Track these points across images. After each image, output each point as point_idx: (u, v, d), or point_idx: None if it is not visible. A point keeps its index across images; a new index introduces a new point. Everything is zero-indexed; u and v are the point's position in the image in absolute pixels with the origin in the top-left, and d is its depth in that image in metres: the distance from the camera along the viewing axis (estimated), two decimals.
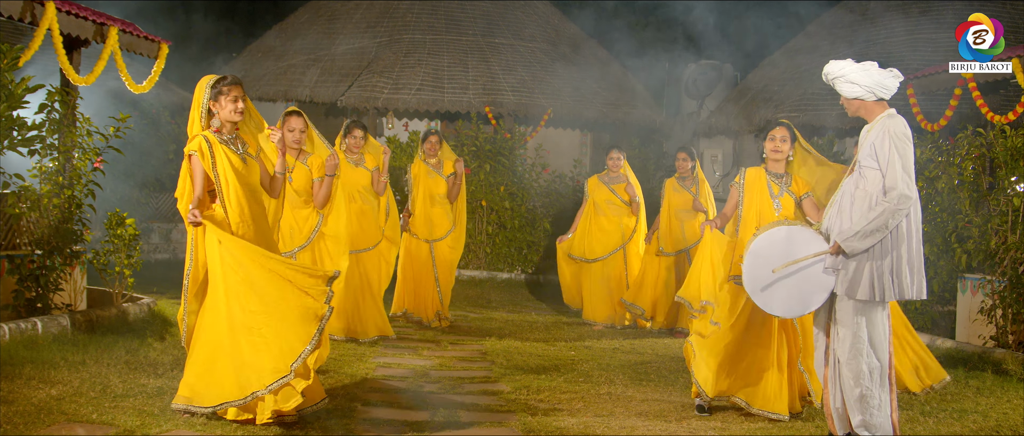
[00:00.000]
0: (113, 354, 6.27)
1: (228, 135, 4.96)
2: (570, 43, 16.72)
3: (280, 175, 5.17)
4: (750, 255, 4.90)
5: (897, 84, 4.66)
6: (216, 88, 4.93)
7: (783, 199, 5.52)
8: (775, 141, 5.56)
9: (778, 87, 14.66)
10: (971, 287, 7.85)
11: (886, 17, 14.72)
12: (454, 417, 5.24)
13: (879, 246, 4.53)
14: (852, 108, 4.72)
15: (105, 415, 4.79)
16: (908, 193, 4.44)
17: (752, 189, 5.58)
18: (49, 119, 7.17)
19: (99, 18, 7.83)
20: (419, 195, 8.69)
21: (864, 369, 4.56)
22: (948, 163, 8.18)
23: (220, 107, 4.92)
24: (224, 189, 4.86)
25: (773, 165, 5.60)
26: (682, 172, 8.99)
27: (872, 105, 4.68)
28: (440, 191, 8.66)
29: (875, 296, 4.53)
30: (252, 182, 4.97)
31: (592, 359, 7.32)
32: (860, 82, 4.63)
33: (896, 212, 4.44)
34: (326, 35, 16.17)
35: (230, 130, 4.97)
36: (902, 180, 4.45)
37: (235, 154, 4.92)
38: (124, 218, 7.75)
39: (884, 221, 4.45)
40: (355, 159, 7.82)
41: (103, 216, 7.93)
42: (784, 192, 5.54)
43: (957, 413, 5.65)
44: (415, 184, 8.72)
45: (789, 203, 5.53)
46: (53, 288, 7.12)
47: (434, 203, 8.65)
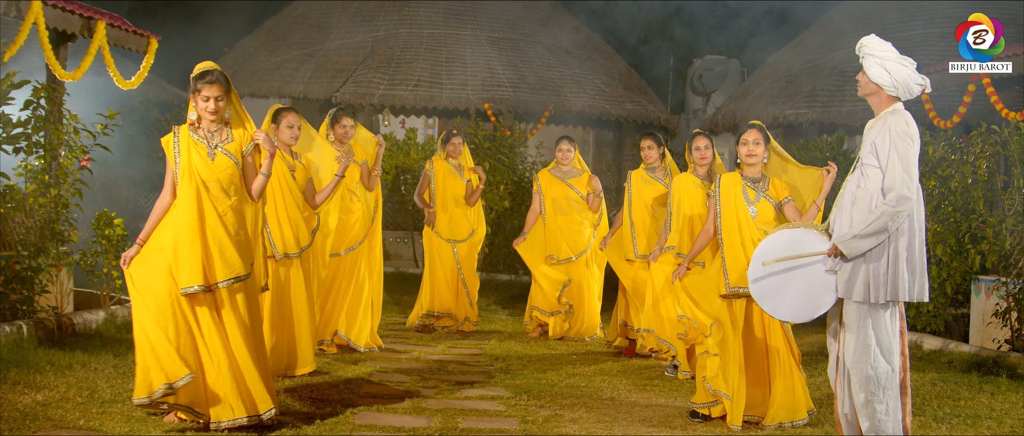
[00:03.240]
0: (101, 358, 6.27)
1: (208, 129, 4.95)
2: (572, 38, 16.72)
3: (265, 177, 5.06)
4: (755, 261, 4.91)
5: (919, 92, 4.65)
6: (193, 83, 4.93)
7: (759, 205, 5.49)
8: (748, 145, 5.52)
9: (786, 83, 14.66)
10: (985, 289, 7.85)
11: (898, 12, 14.72)
12: (452, 423, 5.23)
13: (877, 246, 4.52)
14: (867, 89, 4.68)
15: (92, 421, 4.79)
16: (907, 194, 4.43)
17: (727, 196, 5.54)
18: (35, 116, 7.17)
19: (86, 12, 7.83)
20: (441, 194, 8.69)
21: (871, 374, 4.55)
22: (961, 161, 8.17)
23: (194, 102, 4.93)
24: (179, 183, 4.86)
25: (748, 170, 5.58)
26: (650, 162, 7.81)
27: (886, 99, 4.67)
28: (460, 192, 8.68)
29: (870, 297, 4.52)
30: (217, 179, 4.86)
31: (594, 364, 7.31)
32: (892, 72, 4.58)
33: (896, 214, 4.43)
34: (320, 29, 16.17)
35: (208, 124, 4.95)
36: (901, 181, 4.43)
37: (204, 148, 4.87)
38: (112, 218, 7.75)
39: (883, 223, 4.45)
40: (344, 151, 7.64)
41: (91, 216, 7.93)
42: (761, 197, 5.50)
43: (971, 418, 5.65)
44: (437, 182, 8.72)
45: (767, 208, 5.48)
46: (39, 290, 7.12)
47: (456, 204, 8.68)
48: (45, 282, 7.19)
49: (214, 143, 4.90)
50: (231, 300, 4.82)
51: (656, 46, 21.32)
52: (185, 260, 4.71)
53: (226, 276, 4.76)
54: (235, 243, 4.82)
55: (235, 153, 4.93)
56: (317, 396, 5.70)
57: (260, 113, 6.56)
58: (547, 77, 15.23)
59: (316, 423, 5.03)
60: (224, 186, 4.87)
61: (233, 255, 4.79)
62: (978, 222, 7.96)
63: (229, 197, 4.88)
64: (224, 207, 4.86)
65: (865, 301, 4.55)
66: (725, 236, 5.51)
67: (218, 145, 4.91)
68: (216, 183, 4.85)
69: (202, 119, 4.91)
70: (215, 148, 4.90)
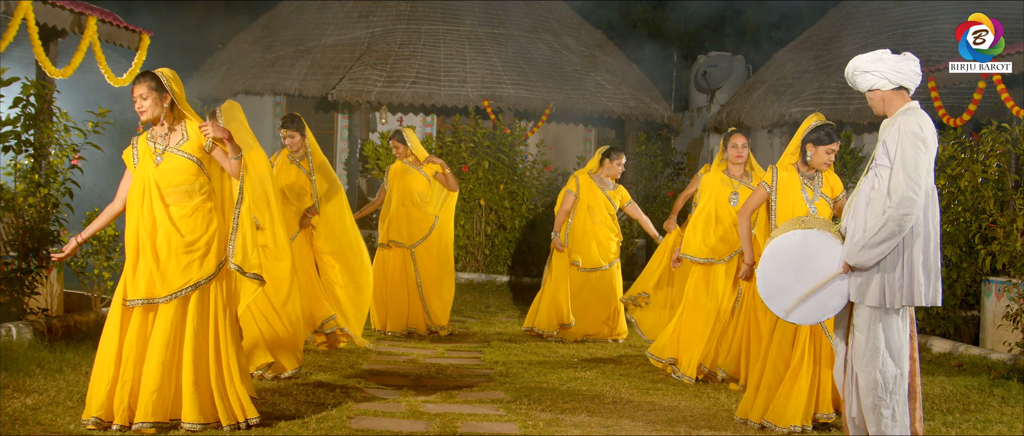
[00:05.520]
0: (92, 361, 6.23)
1: (158, 133, 4.96)
2: (573, 34, 16.72)
3: (235, 160, 4.96)
4: (765, 259, 4.91)
5: (915, 68, 4.65)
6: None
7: (819, 203, 5.59)
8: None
9: (792, 80, 14.66)
10: (996, 291, 7.85)
11: (905, 7, 14.73)
12: (450, 427, 5.23)
13: (890, 252, 4.52)
14: (874, 101, 4.71)
15: (83, 426, 4.78)
16: (910, 196, 4.40)
17: (786, 191, 5.62)
18: (24, 114, 7.17)
19: (77, 7, 7.83)
20: (399, 196, 8.65)
21: (878, 378, 4.55)
22: (971, 160, 8.17)
23: None
24: (131, 190, 4.94)
25: (812, 166, 5.64)
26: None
27: (892, 96, 4.67)
28: (419, 188, 8.62)
29: (885, 302, 4.52)
30: (169, 182, 4.88)
31: (597, 366, 7.32)
32: (873, 69, 4.63)
33: (902, 218, 4.42)
34: (316, 25, 16.17)
35: (159, 128, 4.96)
36: (905, 183, 4.42)
37: (151, 153, 4.92)
38: None
39: (891, 230, 4.43)
40: (292, 157, 7.50)
41: (81, 216, 7.93)
42: (819, 197, 5.60)
43: (981, 423, 5.65)
44: (392, 185, 8.67)
45: (825, 207, 5.59)
46: (28, 292, 7.12)
47: (414, 204, 8.63)
48: (35, 284, 7.19)
49: (162, 146, 4.92)
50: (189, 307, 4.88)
51: (660, 42, 21.32)
52: (140, 272, 4.82)
53: (181, 285, 4.81)
54: (188, 249, 4.85)
55: (193, 151, 4.93)
56: (312, 399, 5.70)
57: (255, 111, 6.56)
58: (548, 74, 15.23)
59: (311, 427, 5.03)
60: (185, 188, 4.89)
61: (186, 261, 4.84)
62: (988, 222, 7.96)
63: (191, 198, 4.90)
64: (185, 209, 4.87)
65: (880, 306, 4.55)
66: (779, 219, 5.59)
67: (168, 147, 4.92)
68: (168, 187, 4.88)
69: (148, 122, 4.98)
70: (164, 151, 4.91)
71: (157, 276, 4.80)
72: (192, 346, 4.83)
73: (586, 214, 8.59)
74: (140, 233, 4.86)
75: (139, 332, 4.81)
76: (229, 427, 4.84)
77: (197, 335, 4.86)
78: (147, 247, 4.83)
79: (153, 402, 4.72)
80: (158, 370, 4.75)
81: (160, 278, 4.80)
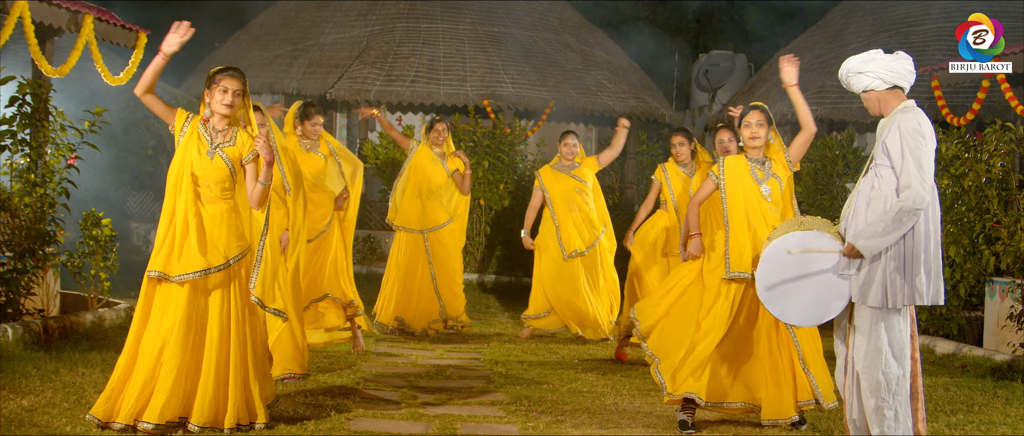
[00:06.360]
0: (88, 362, 6.27)
1: (216, 126, 4.98)
2: (574, 32, 16.72)
3: (263, 186, 4.99)
4: (763, 260, 4.91)
5: (909, 67, 4.66)
6: (211, 77, 5.00)
7: (770, 183, 5.46)
8: (751, 126, 5.50)
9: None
10: (1000, 291, 7.85)
11: (907, 6, 14.73)
12: (450, 429, 5.24)
13: (892, 249, 4.53)
14: (870, 102, 4.75)
15: (79, 427, 4.78)
16: (922, 192, 4.44)
17: (732, 177, 5.47)
18: (20, 113, 7.17)
19: (73, 6, 7.83)
20: (415, 182, 8.70)
21: (881, 380, 4.56)
22: (975, 159, 8.17)
23: (210, 96, 4.97)
24: (169, 174, 4.96)
25: (752, 152, 5.56)
26: (681, 158, 8.05)
27: (887, 96, 4.69)
28: (438, 181, 8.67)
29: (887, 302, 4.53)
30: (208, 179, 4.91)
31: (596, 369, 7.32)
32: (866, 70, 4.66)
33: (912, 211, 4.45)
34: (314, 24, 16.18)
35: (219, 122, 4.98)
36: (916, 178, 4.45)
37: (206, 144, 4.93)
38: (100, 218, 7.75)
39: (899, 221, 4.46)
40: (309, 145, 7.52)
41: (78, 216, 7.93)
42: (770, 176, 5.48)
43: (985, 425, 5.65)
44: (414, 168, 8.71)
45: (776, 187, 5.45)
46: (25, 293, 7.12)
47: (431, 194, 8.69)
48: (31, 284, 7.19)
49: (216, 142, 4.94)
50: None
51: (661, 41, 21.33)
52: (187, 249, 4.86)
53: (215, 262, 4.85)
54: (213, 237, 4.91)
55: (233, 159, 4.97)
56: (311, 402, 5.70)
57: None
58: (548, 73, 15.23)
59: (310, 430, 5.03)
60: (222, 187, 4.94)
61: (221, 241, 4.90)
62: (992, 222, 7.96)
63: (224, 200, 4.97)
64: (219, 209, 4.93)
65: (882, 306, 4.56)
66: (731, 219, 5.46)
67: (220, 146, 4.94)
68: (206, 182, 4.92)
69: (215, 114, 4.96)
70: (216, 148, 4.93)
71: (199, 249, 4.84)
72: (219, 342, 4.87)
73: (562, 204, 8.68)
74: (176, 213, 4.89)
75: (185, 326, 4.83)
76: (229, 430, 4.82)
77: (222, 330, 4.89)
78: (193, 225, 4.86)
79: (170, 402, 4.74)
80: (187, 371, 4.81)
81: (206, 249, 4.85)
